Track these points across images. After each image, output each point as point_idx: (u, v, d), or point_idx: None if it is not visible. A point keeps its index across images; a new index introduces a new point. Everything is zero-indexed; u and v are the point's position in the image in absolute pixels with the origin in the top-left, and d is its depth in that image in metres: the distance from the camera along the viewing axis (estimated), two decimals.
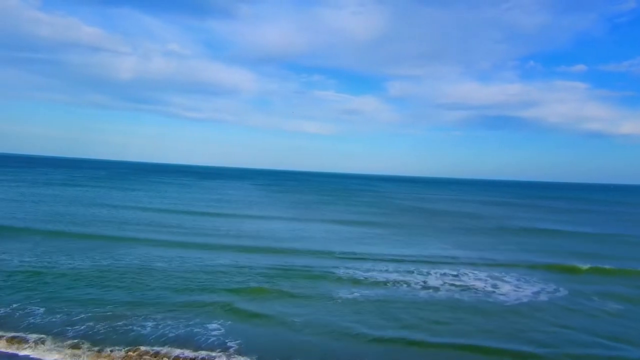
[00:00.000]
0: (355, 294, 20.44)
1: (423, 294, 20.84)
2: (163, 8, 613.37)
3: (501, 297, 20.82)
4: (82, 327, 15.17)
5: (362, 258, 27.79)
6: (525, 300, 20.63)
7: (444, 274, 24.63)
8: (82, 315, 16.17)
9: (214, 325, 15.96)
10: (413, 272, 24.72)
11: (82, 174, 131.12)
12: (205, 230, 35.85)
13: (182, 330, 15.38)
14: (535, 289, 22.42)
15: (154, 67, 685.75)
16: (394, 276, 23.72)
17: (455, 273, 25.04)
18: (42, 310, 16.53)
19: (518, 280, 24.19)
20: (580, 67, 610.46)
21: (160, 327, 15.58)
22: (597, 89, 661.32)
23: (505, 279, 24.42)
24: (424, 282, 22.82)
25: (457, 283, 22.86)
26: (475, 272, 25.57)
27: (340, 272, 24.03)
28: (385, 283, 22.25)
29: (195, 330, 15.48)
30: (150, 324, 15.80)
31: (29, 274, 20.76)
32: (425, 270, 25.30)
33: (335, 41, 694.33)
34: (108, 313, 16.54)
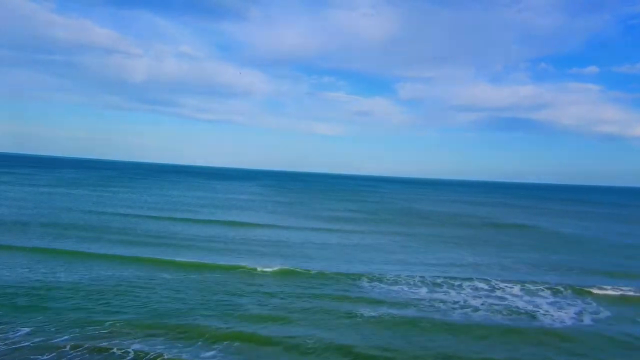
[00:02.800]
0: (380, 310, 18.50)
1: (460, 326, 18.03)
2: (175, 10, 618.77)
3: (545, 321, 18.52)
4: (51, 355, 13.31)
5: (382, 277, 24.48)
6: (569, 323, 18.38)
7: (478, 290, 22.43)
8: (67, 336, 14.60)
9: (211, 354, 13.99)
10: (443, 289, 22.48)
11: (95, 174, 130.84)
12: (210, 242, 32.79)
13: (173, 357, 13.49)
14: (576, 309, 20.09)
15: (167, 69, 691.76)
16: (425, 304, 21.34)
17: (488, 289, 22.77)
18: (25, 330, 14.92)
19: (555, 298, 21.86)
20: (593, 69, 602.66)
21: (147, 351, 13.69)
22: (611, 91, 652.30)
23: (541, 294, 22.23)
24: (463, 302, 20.38)
25: (496, 303, 20.50)
26: (510, 288, 23.18)
27: (360, 291, 21.65)
28: (419, 320, 18.37)
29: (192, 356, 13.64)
30: (135, 347, 13.95)
31: (27, 290, 18.97)
32: (456, 285, 23.07)
33: (347, 43, 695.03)
34: (96, 333, 14.95)
